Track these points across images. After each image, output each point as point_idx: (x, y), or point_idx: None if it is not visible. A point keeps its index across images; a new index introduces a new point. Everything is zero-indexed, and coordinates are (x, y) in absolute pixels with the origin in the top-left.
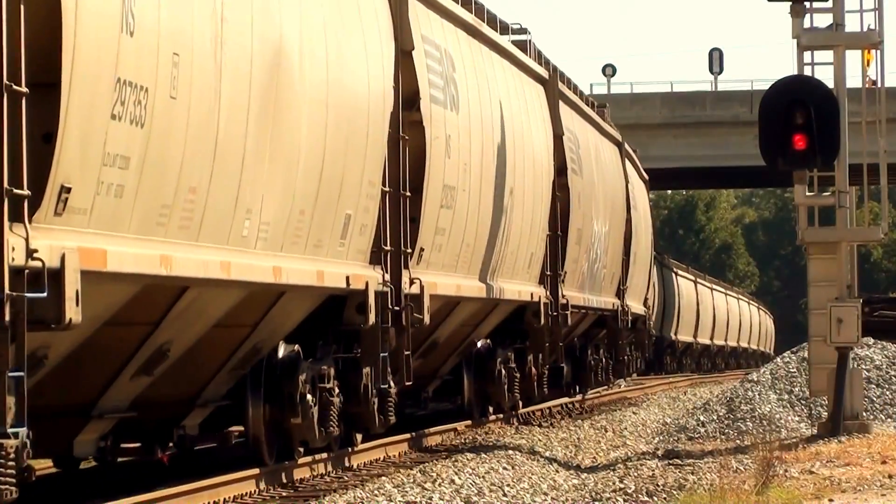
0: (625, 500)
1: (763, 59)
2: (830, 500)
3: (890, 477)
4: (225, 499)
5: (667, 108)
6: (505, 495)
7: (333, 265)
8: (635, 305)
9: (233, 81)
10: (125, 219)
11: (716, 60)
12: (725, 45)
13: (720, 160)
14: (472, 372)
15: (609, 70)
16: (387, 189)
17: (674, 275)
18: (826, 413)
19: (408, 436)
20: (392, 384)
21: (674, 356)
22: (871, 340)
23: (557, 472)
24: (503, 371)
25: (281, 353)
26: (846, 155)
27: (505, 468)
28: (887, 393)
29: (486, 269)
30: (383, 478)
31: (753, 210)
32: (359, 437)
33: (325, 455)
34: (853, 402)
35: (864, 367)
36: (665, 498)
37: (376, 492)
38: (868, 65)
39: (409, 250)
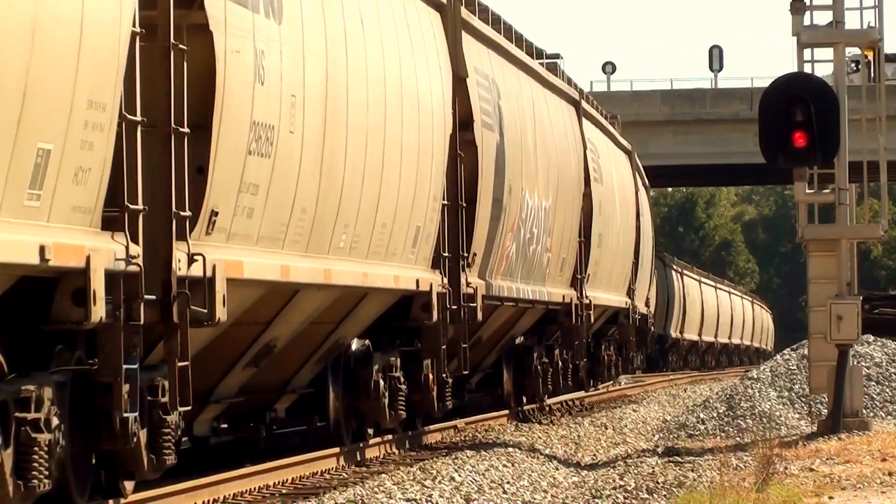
0: (625, 498)
1: (763, 56)
2: (830, 498)
3: (890, 474)
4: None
5: (667, 106)
6: (505, 493)
7: (11, 230)
8: (607, 297)
9: None
10: None
11: (716, 58)
12: (725, 43)
13: (720, 157)
14: (339, 383)
15: (609, 67)
16: (134, 118)
17: (663, 266)
18: (826, 410)
19: (408, 433)
20: (176, 409)
21: (661, 353)
22: (870, 338)
23: (557, 469)
24: (381, 381)
25: None
26: (846, 152)
27: (505, 465)
28: (887, 390)
29: (339, 247)
30: (383, 475)
31: (753, 207)
32: (129, 485)
33: None
34: (853, 400)
35: (863, 364)
36: (665, 495)
37: (376, 489)
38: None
39: (189, 213)
